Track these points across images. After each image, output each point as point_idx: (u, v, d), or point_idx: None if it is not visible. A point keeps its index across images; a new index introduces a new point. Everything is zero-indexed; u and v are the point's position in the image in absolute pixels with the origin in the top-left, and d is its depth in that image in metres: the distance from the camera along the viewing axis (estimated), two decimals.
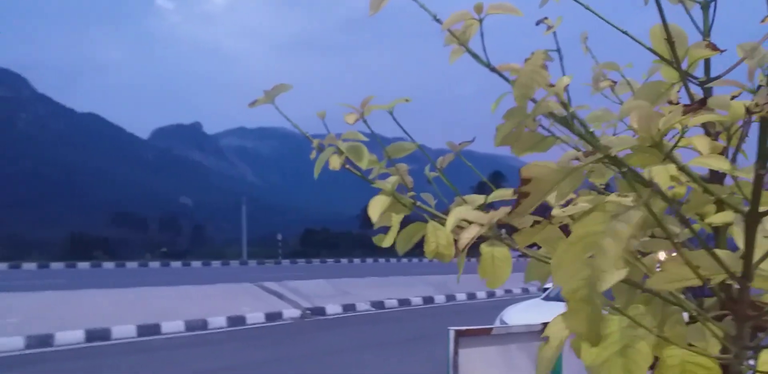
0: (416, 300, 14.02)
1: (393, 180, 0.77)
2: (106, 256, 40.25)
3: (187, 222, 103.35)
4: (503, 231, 0.70)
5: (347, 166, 0.78)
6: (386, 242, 0.75)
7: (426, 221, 0.77)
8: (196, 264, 33.50)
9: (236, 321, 10.41)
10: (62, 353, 7.99)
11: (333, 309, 12.16)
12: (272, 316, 11.03)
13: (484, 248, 0.65)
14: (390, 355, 8.08)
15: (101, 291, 11.65)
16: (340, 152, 0.77)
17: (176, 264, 32.63)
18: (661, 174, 0.66)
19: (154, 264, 30.31)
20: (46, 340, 8.27)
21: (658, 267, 0.65)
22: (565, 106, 0.67)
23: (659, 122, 0.56)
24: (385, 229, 0.80)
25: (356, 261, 40.83)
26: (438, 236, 0.71)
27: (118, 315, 9.53)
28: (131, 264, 29.09)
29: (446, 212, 0.77)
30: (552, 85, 0.68)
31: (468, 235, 0.61)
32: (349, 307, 12.48)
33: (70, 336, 8.49)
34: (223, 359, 7.89)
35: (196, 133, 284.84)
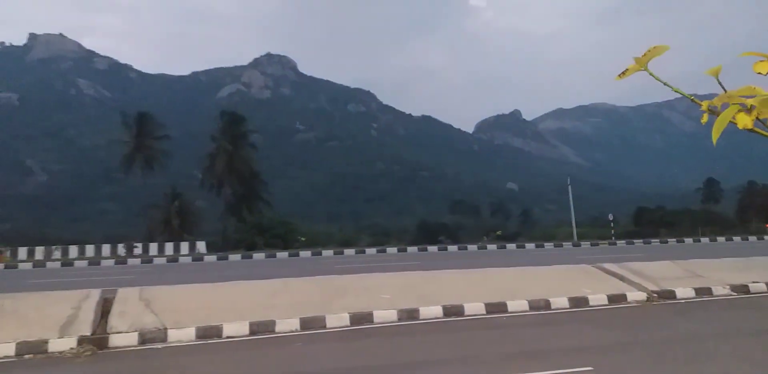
0: None
1: None
2: (449, 240, 44.76)
3: (515, 206, 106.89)
4: None
5: (755, 129, 0.67)
6: None
7: None
8: (530, 246, 34.44)
9: (578, 302, 10.27)
10: (425, 326, 8.92)
11: (684, 292, 10.92)
12: (615, 298, 10.52)
13: None
14: (757, 346, 6.85)
15: (452, 272, 12.97)
16: (746, 109, 0.66)
17: (511, 246, 34.06)
18: None
19: (491, 247, 32.25)
20: (412, 314, 9.45)
21: None
22: None
23: None
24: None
25: (704, 240, 35.84)
26: None
27: (469, 293, 10.43)
28: (472, 247, 31.59)
29: None
30: None
31: None
32: (703, 291, 11.04)
33: (431, 311, 9.62)
34: (569, 339, 7.87)
35: (516, 120, 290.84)
